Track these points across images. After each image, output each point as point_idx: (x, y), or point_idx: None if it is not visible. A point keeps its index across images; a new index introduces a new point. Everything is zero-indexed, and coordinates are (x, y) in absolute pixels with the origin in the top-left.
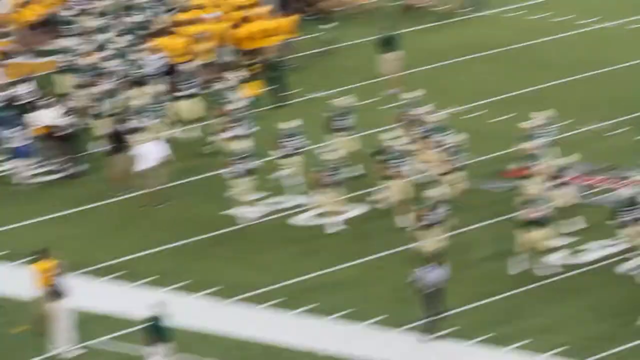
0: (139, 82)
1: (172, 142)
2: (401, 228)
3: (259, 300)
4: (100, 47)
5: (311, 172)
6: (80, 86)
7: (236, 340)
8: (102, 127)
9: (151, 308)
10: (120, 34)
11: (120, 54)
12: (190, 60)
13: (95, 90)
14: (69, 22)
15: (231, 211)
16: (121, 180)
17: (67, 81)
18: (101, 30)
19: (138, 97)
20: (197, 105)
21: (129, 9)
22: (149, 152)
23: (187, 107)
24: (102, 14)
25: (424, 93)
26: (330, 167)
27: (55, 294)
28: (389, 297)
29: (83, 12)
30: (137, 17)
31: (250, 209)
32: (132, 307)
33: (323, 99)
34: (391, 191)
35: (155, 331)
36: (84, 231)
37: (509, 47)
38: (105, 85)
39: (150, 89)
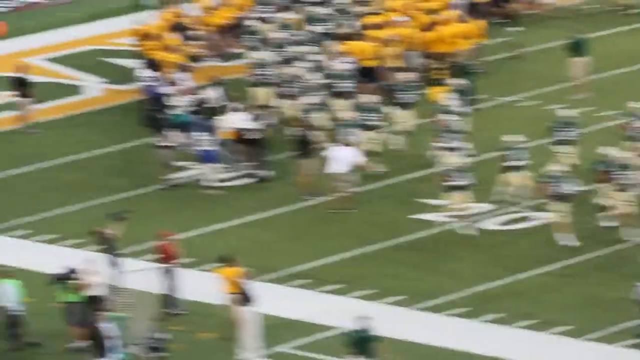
0: (342, 93)
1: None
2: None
3: (444, 308)
4: (291, 59)
5: (536, 182)
6: (283, 96)
7: (422, 347)
8: (318, 137)
9: (356, 320)
10: (310, 43)
11: (317, 66)
12: (402, 69)
13: (301, 101)
14: (253, 32)
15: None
16: (309, 184)
17: (261, 93)
18: (292, 41)
19: (343, 109)
20: (411, 115)
21: (312, 20)
22: (341, 156)
23: (403, 117)
24: (285, 26)
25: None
26: (554, 178)
27: (242, 300)
28: (578, 306)
29: (265, 21)
30: (321, 27)
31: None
32: (317, 314)
33: (511, 103)
34: (614, 203)
35: (360, 343)
36: (271, 236)
37: None
38: (311, 98)
39: (354, 100)
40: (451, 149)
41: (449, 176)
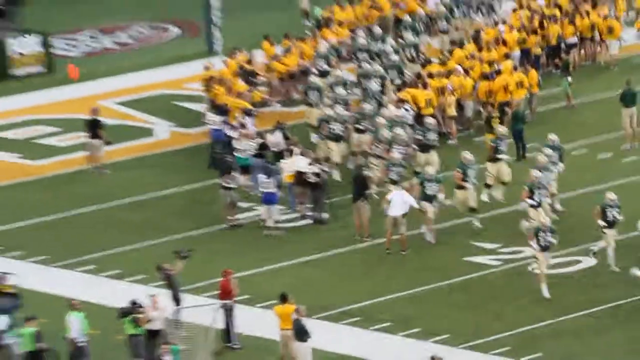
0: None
1: None
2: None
3: (487, 348)
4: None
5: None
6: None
7: None
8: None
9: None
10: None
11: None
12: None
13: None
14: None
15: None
16: (365, 227)
17: (328, 146)
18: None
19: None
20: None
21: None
22: (398, 200)
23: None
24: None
25: None
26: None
27: (296, 336)
28: (623, 348)
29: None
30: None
31: None
32: (367, 351)
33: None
34: None
35: None
36: (326, 276)
37: None
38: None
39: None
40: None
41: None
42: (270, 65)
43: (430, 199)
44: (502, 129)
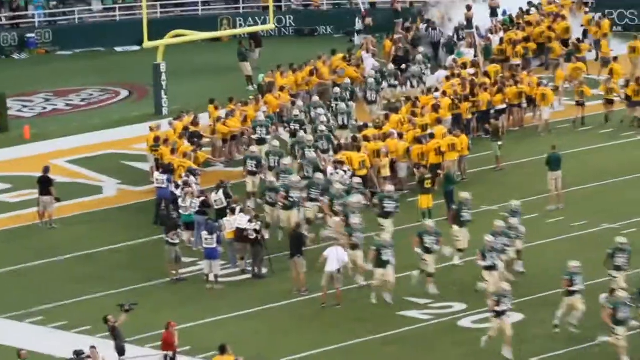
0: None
1: None
2: None
3: None
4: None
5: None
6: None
7: None
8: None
9: None
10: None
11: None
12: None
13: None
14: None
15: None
16: (302, 281)
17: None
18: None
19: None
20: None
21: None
22: (333, 256)
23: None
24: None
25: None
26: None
27: None
28: None
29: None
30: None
31: None
32: None
33: (493, 212)
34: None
35: None
36: (265, 328)
37: None
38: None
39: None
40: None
41: None
42: (214, 127)
43: (384, 264)
44: (465, 195)
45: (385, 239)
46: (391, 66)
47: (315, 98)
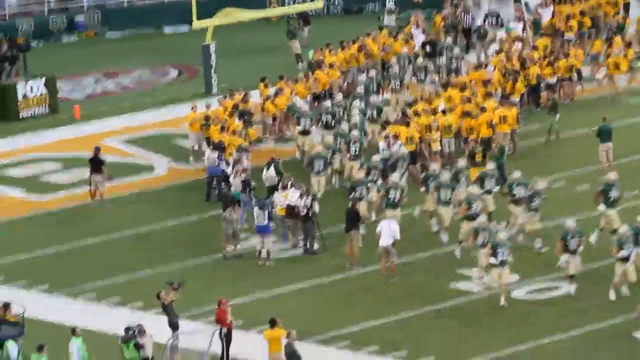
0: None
1: None
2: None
3: None
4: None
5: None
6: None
7: None
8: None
9: None
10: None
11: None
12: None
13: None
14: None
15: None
16: (355, 256)
17: None
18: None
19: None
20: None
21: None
22: (386, 230)
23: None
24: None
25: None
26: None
27: (287, 359)
28: None
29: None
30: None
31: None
32: None
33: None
34: None
35: None
36: (318, 302)
37: None
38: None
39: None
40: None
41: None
42: (264, 106)
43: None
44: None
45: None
46: (420, 60)
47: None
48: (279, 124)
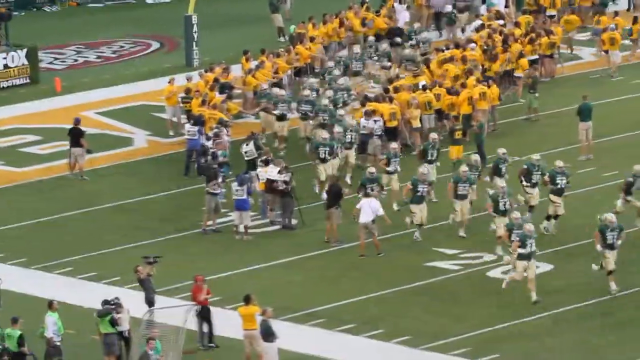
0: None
1: None
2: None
3: (448, 349)
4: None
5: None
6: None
7: None
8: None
9: None
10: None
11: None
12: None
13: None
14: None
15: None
16: (335, 232)
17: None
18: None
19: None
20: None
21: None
22: (366, 207)
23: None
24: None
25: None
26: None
27: (263, 336)
28: (579, 348)
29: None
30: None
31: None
32: (332, 351)
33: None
34: None
35: None
36: (296, 279)
37: None
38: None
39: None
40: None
41: None
42: (245, 79)
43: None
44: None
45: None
46: (418, 24)
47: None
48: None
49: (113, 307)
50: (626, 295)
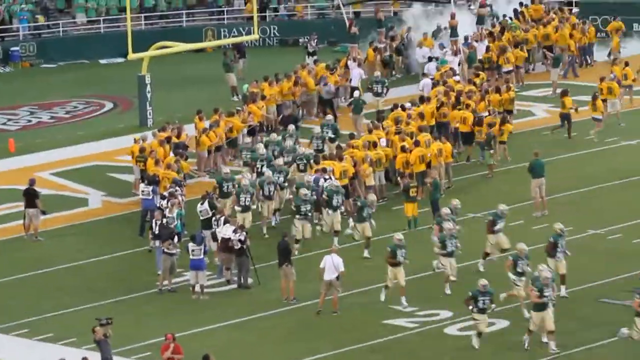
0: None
1: None
2: None
3: None
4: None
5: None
6: None
7: None
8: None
9: None
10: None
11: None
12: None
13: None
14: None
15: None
16: (291, 290)
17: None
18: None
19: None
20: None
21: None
22: (329, 264)
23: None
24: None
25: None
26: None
27: None
28: None
29: None
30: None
31: None
32: None
33: (477, 219)
34: None
35: None
36: (252, 338)
37: None
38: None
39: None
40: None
41: None
42: (199, 139)
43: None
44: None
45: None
46: (378, 73)
47: (291, 127)
48: (213, 158)
49: None
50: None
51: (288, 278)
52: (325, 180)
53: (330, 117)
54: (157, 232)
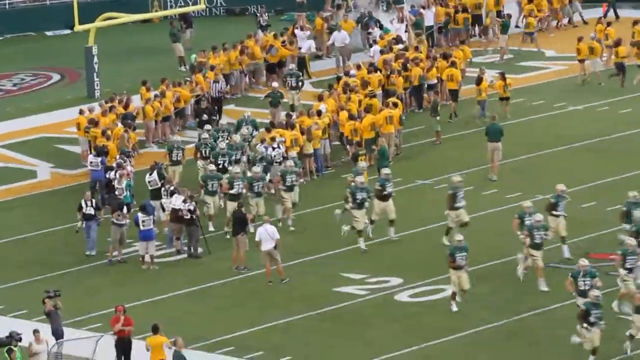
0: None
1: None
2: None
3: None
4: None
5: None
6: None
7: None
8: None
9: None
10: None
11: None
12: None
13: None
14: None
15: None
16: (242, 259)
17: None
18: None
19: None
20: None
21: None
22: (264, 235)
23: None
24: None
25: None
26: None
27: None
28: None
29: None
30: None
31: None
32: None
33: (428, 186)
34: None
35: None
36: (203, 308)
37: (602, 138)
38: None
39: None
40: None
41: None
42: (145, 109)
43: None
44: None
45: None
46: (292, 66)
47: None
48: (162, 128)
49: (12, 338)
50: (537, 315)
51: (240, 248)
52: (274, 149)
53: (248, 113)
54: (86, 212)
